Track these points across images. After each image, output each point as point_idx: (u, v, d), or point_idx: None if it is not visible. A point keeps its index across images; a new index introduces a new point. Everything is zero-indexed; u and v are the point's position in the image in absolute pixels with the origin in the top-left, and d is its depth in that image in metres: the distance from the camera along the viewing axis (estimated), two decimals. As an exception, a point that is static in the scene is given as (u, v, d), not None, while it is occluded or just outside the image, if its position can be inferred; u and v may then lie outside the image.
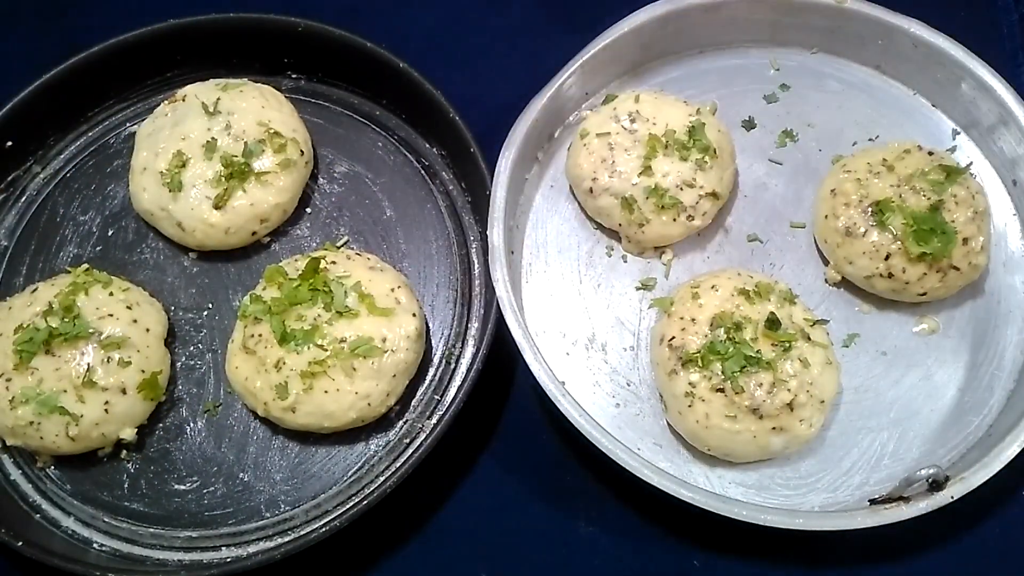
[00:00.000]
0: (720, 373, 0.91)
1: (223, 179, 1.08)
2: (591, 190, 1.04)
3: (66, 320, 0.99)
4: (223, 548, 0.98)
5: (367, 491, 0.98)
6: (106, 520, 1.00)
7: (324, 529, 0.92)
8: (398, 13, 1.31)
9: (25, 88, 1.14)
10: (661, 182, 1.02)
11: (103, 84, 1.19)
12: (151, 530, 0.99)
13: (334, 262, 1.03)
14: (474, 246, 1.11)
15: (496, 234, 1.01)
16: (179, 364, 1.06)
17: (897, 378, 0.99)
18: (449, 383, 1.04)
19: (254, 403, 0.99)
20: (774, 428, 0.91)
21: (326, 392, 0.96)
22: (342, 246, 1.10)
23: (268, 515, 0.99)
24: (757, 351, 0.91)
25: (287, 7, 1.18)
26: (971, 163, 1.04)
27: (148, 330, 1.03)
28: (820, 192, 1.05)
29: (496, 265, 0.99)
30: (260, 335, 0.99)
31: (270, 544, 0.97)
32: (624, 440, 0.95)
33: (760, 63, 1.15)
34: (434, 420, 1.02)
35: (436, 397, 1.04)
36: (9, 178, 1.17)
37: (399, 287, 1.02)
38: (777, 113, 1.12)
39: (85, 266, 1.07)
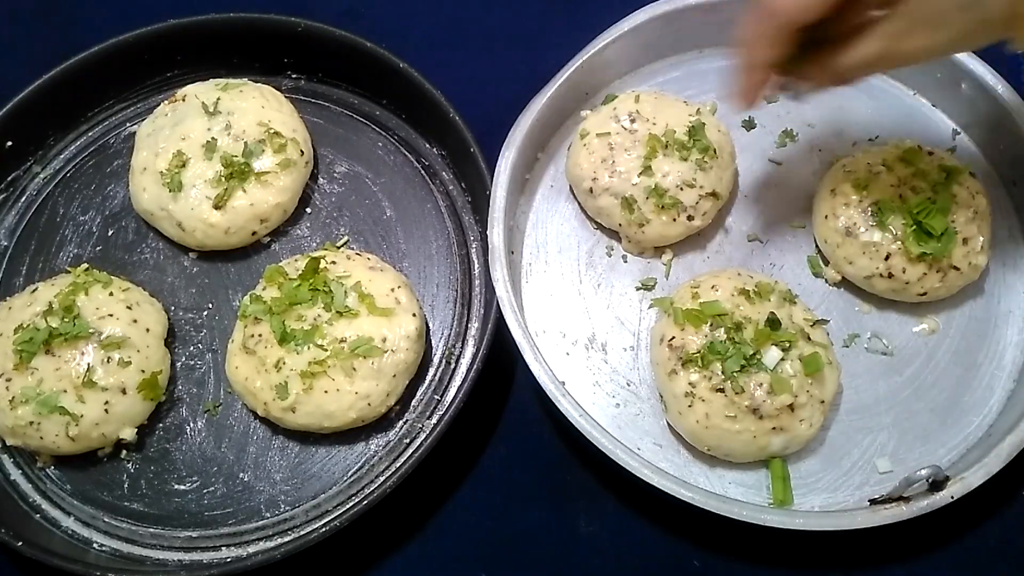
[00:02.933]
0: (720, 373, 0.91)
1: (223, 179, 1.08)
2: (591, 190, 1.04)
3: (66, 320, 0.99)
4: (223, 548, 0.98)
5: (367, 491, 0.98)
6: (106, 520, 1.00)
7: (324, 529, 0.92)
8: (398, 13, 1.31)
9: (25, 88, 1.14)
10: (661, 182, 1.02)
11: (103, 84, 1.19)
12: (151, 530, 0.99)
13: (334, 262, 1.03)
14: (474, 246, 1.11)
15: (496, 234, 1.01)
16: (179, 364, 1.06)
17: (897, 378, 0.99)
18: (449, 383, 1.04)
19: (254, 403, 0.99)
20: (774, 428, 0.91)
21: (326, 392, 0.96)
22: (342, 246, 1.10)
23: (268, 515, 0.99)
24: (757, 351, 0.91)
25: (287, 7, 1.18)
26: (971, 163, 1.04)
27: (148, 330, 1.03)
28: (820, 192, 1.05)
29: (496, 265, 0.99)
30: (260, 335, 0.99)
31: (270, 544, 0.97)
32: (624, 440, 0.95)
33: (760, 63, 1.15)
34: (434, 420, 1.02)
35: (436, 397, 1.04)
36: (9, 178, 1.17)
37: (399, 287, 1.02)
38: (777, 113, 1.12)
39: (85, 266, 1.07)
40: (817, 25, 0.81)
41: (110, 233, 1.14)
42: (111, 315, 1.01)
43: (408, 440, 1.01)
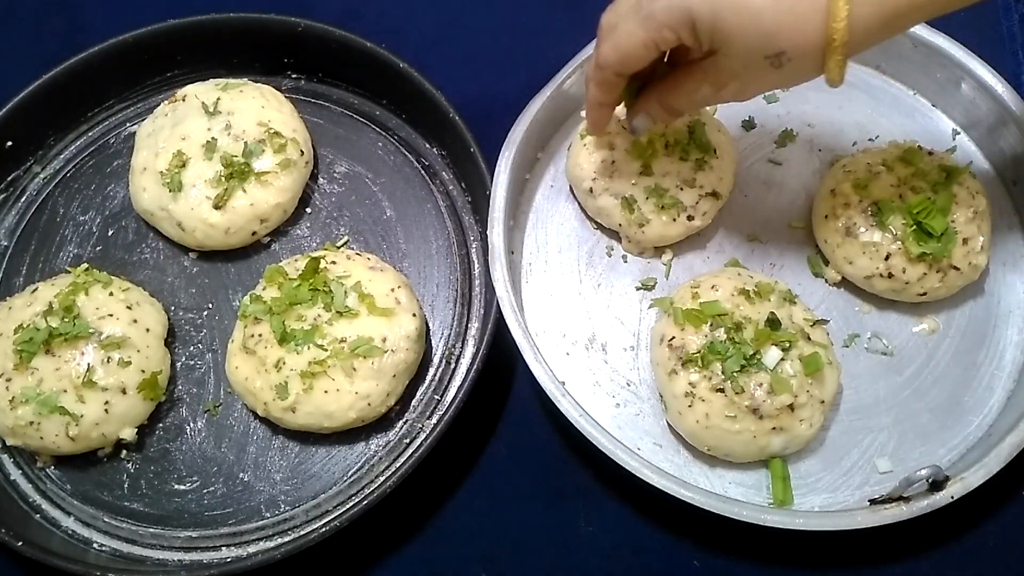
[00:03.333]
0: (720, 373, 0.91)
1: (223, 179, 1.08)
2: (591, 190, 1.04)
3: (66, 320, 0.99)
4: (223, 548, 0.98)
5: (367, 491, 0.98)
6: (106, 520, 1.00)
7: (324, 529, 0.92)
8: (398, 13, 1.31)
9: (25, 88, 1.14)
10: (661, 182, 1.02)
11: (103, 84, 1.19)
12: (151, 530, 0.99)
13: (334, 262, 1.03)
14: (474, 246, 1.11)
15: (496, 234, 1.01)
16: (179, 364, 1.06)
17: (897, 378, 0.99)
18: (449, 383, 1.04)
19: (254, 403, 0.99)
20: (774, 428, 0.91)
21: (326, 392, 0.96)
22: (342, 246, 1.10)
23: (268, 515, 0.99)
24: (757, 351, 0.91)
25: (287, 7, 1.18)
26: (971, 163, 1.04)
27: (148, 330, 1.03)
28: (820, 192, 1.05)
29: (496, 265, 0.99)
30: (260, 335, 0.99)
31: (270, 544, 0.97)
32: (624, 440, 0.95)
33: (760, 63, 1.15)
34: (434, 420, 1.02)
35: (436, 397, 1.04)
36: (9, 178, 1.17)
37: (399, 287, 1.02)
38: (777, 113, 1.12)
39: (85, 266, 1.07)
40: (649, 72, 0.90)
41: (110, 233, 1.14)
42: (111, 315, 1.01)
43: (408, 440, 1.01)
